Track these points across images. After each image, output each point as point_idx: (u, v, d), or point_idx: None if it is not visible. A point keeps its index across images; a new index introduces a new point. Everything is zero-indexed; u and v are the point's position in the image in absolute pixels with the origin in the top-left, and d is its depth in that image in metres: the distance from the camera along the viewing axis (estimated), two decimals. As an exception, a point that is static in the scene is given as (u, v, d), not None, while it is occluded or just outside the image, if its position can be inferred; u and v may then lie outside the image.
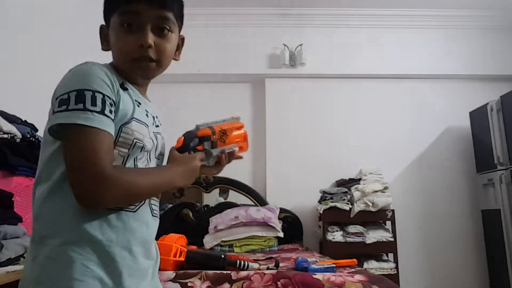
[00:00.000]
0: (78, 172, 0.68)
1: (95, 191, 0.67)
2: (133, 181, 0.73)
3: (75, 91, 0.71)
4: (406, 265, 3.31)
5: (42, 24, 2.31)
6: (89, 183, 0.67)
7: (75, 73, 0.75)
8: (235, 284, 1.48)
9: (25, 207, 1.57)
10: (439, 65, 3.79)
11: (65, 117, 0.69)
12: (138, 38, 0.80)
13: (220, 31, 3.76)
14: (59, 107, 0.70)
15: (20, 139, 1.64)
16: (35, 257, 0.70)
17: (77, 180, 0.68)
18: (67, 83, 0.73)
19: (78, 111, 0.69)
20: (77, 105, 0.69)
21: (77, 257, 0.68)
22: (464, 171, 3.67)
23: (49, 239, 0.70)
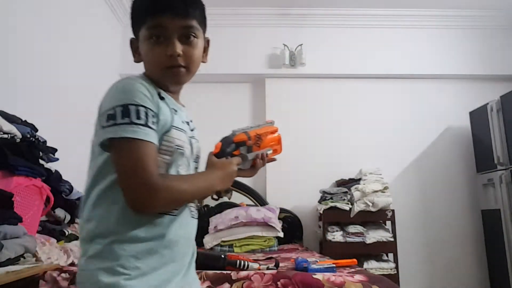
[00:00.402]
0: (129, 181, 0.74)
1: (145, 198, 0.74)
2: (178, 187, 0.79)
3: (121, 106, 0.76)
4: (406, 265, 3.31)
5: (42, 24, 2.31)
6: (139, 191, 0.74)
7: (118, 88, 0.80)
8: (235, 284, 1.48)
9: (25, 207, 1.57)
10: (439, 65, 3.79)
11: (114, 131, 0.75)
12: (167, 48, 0.85)
13: (220, 31, 3.75)
14: (107, 121, 0.76)
15: (20, 139, 1.64)
16: (85, 254, 0.78)
17: (129, 188, 0.74)
18: (112, 99, 0.78)
19: (125, 125, 0.75)
20: (124, 119, 0.75)
21: (122, 253, 0.75)
22: (464, 171, 3.67)
23: (99, 238, 0.76)
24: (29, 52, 2.17)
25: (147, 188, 0.73)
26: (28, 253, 1.46)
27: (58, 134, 2.10)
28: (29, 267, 1.39)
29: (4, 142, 1.54)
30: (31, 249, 1.46)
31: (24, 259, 1.45)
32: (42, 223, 1.83)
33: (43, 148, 1.81)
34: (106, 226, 0.77)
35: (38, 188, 1.68)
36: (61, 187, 1.91)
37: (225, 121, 3.54)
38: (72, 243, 1.90)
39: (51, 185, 1.77)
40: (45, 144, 1.87)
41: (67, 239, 1.92)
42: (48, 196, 1.74)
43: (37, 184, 1.66)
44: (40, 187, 1.69)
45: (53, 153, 1.93)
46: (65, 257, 1.69)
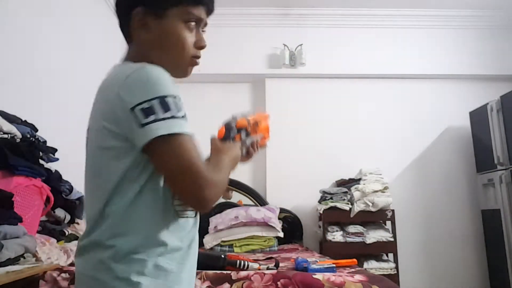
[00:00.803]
0: (184, 181, 0.69)
1: (204, 195, 0.69)
2: (222, 178, 0.77)
3: (157, 99, 0.68)
4: (406, 265, 3.31)
5: (42, 24, 2.31)
6: (203, 188, 0.69)
7: (144, 78, 0.70)
8: (235, 284, 1.48)
9: (25, 207, 1.57)
10: (439, 65, 3.79)
11: (159, 128, 0.67)
12: (199, 39, 0.85)
13: (220, 31, 3.75)
14: (146, 117, 0.67)
15: (20, 139, 1.64)
16: (111, 274, 0.70)
17: (190, 187, 0.69)
18: (141, 91, 0.69)
19: (169, 119, 0.68)
20: (166, 113, 0.67)
21: (169, 267, 0.72)
22: (464, 171, 3.67)
23: (139, 254, 0.70)
24: (29, 52, 2.17)
25: (203, 185, 0.68)
26: (28, 253, 1.46)
27: (58, 134, 2.10)
28: (29, 267, 1.39)
29: (4, 142, 1.54)
30: (31, 249, 1.46)
31: (24, 259, 1.45)
32: (42, 223, 1.83)
33: (43, 148, 1.81)
34: (148, 238, 0.71)
35: (38, 188, 1.68)
36: (61, 187, 1.91)
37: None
38: (72, 243, 1.90)
39: (51, 185, 1.77)
40: (45, 144, 1.87)
41: (67, 239, 1.92)
42: (48, 196, 1.73)
43: (37, 184, 1.66)
44: (40, 187, 1.69)
45: (53, 153, 1.92)
46: (65, 257, 1.69)
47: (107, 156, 0.72)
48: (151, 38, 0.81)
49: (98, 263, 0.70)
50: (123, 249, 0.69)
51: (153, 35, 0.81)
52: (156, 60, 0.79)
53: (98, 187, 0.74)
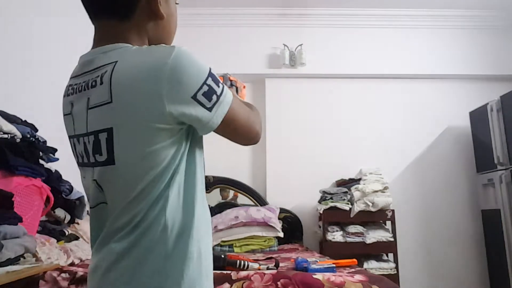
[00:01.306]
0: (249, 134, 0.81)
1: (260, 132, 0.86)
2: (254, 112, 0.86)
3: (208, 77, 0.68)
4: (406, 265, 3.32)
5: (42, 24, 2.31)
6: (258, 131, 0.84)
7: (186, 63, 0.65)
8: (235, 284, 1.48)
9: (25, 207, 1.57)
10: (439, 65, 3.79)
11: (226, 104, 0.71)
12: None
13: (220, 31, 3.76)
14: (210, 100, 0.68)
15: (20, 139, 1.64)
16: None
17: (251, 137, 0.83)
18: (192, 76, 0.66)
19: (223, 92, 0.71)
20: (219, 87, 0.70)
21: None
22: (464, 171, 3.67)
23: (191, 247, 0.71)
24: (28, 52, 2.17)
25: (258, 126, 0.84)
26: (28, 253, 1.46)
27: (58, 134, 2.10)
28: (29, 267, 1.39)
29: (4, 142, 1.54)
30: (31, 249, 1.46)
31: (24, 259, 1.45)
32: (42, 223, 1.83)
33: (43, 148, 1.80)
34: (193, 228, 0.70)
35: (38, 188, 1.68)
36: (61, 187, 1.91)
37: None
38: (72, 243, 1.90)
39: (51, 185, 1.77)
40: (45, 144, 1.87)
41: (67, 239, 1.92)
42: (48, 196, 1.73)
43: (37, 184, 1.66)
44: (40, 187, 1.69)
45: (53, 153, 1.92)
46: (65, 257, 1.69)
47: (154, 156, 0.67)
48: (163, 17, 0.77)
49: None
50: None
51: (163, 16, 0.77)
52: (155, 38, 0.79)
53: (143, 191, 0.68)
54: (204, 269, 0.71)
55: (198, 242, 0.70)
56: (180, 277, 0.66)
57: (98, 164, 0.71)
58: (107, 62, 0.69)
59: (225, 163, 3.52)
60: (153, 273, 0.66)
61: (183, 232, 0.68)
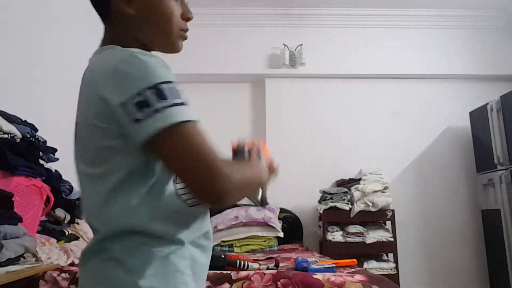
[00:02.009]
0: (198, 172, 0.60)
1: (218, 185, 0.59)
2: (241, 178, 0.67)
3: (150, 89, 0.60)
4: (406, 265, 3.31)
5: (42, 24, 2.31)
6: (210, 178, 0.59)
7: (132, 68, 0.62)
8: (235, 284, 1.48)
9: (25, 207, 1.57)
10: (439, 65, 3.79)
11: (155, 121, 0.59)
12: (185, 10, 0.77)
13: (220, 31, 3.76)
14: (141, 111, 0.59)
15: (20, 139, 1.64)
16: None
17: (201, 180, 0.60)
18: (131, 82, 0.61)
19: (166, 109, 0.59)
20: (162, 102, 0.59)
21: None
22: (464, 171, 3.67)
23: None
24: (29, 52, 2.17)
25: (223, 175, 0.60)
26: (28, 253, 1.46)
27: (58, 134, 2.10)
28: (29, 267, 1.39)
29: (4, 142, 1.54)
30: (31, 249, 1.46)
31: (24, 259, 1.45)
32: (42, 223, 1.83)
33: (43, 148, 1.80)
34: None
35: (38, 188, 1.68)
36: (61, 187, 1.91)
37: (225, 121, 3.54)
38: (72, 243, 1.90)
39: (51, 185, 1.77)
40: (45, 144, 1.87)
41: (67, 239, 1.92)
42: (48, 196, 1.73)
43: (37, 184, 1.66)
44: (40, 187, 1.69)
45: (53, 153, 1.92)
46: (65, 257, 1.69)
47: (106, 154, 0.66)
48: (136, 13, 0.72)
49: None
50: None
51: (137, 9, 0.72)
52: (144, 37, 0.74)
53: (100, 188, 0.67)
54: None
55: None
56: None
57: None
58: (88, 64, 0.74)
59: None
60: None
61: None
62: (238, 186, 0.64)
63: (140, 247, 0.66)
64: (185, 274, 0.68)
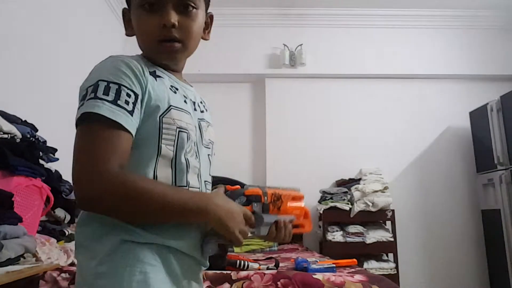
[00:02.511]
0: (79, 169, 0.61)
1: (88, 188, 0.60)
2: (140, 185, 0.63)
3: (92, 85, 0.66)
4: (406, 265, 3.31)
5: (42, 24, 2.31)
6: (85, 179, 0.60)
7: (95, 68, 0.71)
8: (235, 284, 1.48)
9: (25, 207, 1.57)
10: (439, 65, 3.79)
11: (78, 110, 0.66)
12: (160, 18, 0.74)
13: (220, 31, 3.74)
14: (79, 103, 0.67)
15: (20, 139, 1.64)
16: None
17: (77, 178, 0.61)
18: (87, 80, 0.70)
19: (90, 100, 0.64)
20: (90, 95, 0.64)
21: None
22: (464, 171, 3.67)
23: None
24: (29, 52, 2.17)
25: (97, 177, 0.58)
26: (28, 253, 1.46)
27: (58, 134, 2.10)
28: (29, 267, 1.39)
29: (4, 142, 1.54)
30: (31, 249, 1.46)
31: (24, 259, 1.45)
32: (42, 223, 1.83)
33: (43, 148, 1.81)
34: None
35: (38, 188, 1.68)
36: (61, 187, 1.91)
37: (225, 121, 3.54)
38: (72, 243, 1.90)
39: (51, 185, 1.77)
40: (45, 144, 1.87)
41: (67, 239, 1.92)
42: (48, 196, 1.73)
43: (37, 184, 1.66)
44: (40, 187, 1.69)
45: (53, 153, 1.93)
46: (65, 257, 1.69)
47: None
48: (131, 34, 0.82)
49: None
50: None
51: (133, 30, 0.81)
52: (143, 51, 0.82)
53: None
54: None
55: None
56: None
57: None
58: None
59: (225, 163, 3.52)
60: None
61: None
62: (129, 198, 0.61)
63: (107, 235, 0.66)
64: (146, 264, 0.65)
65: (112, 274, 0.63)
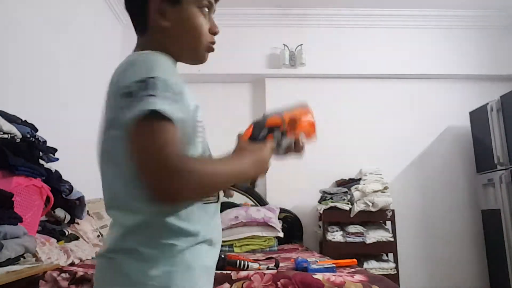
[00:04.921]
0: (148, 165, 0.59)
1: (170, 183, 0.58)
2: (209, 169, 0.65)
3: (140, 82, 0.63)
4: (406, 265, 3.31)
5: (42, 24, 2.31)
6: (161, 174, 0.58)
7: (135, 63, 0.68)
8: (235, 284, 1.48)
9: (25, 207, 1.57)
10: (439, 65, 3.79)
11: (130, 108, 0.61)
12: (213, 25, 0.87)
13: (220, 31, 3.75)
14: (125, 101, 0.63)
15: (20, 139, 1.64)
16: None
17: (149, 174, 0.59)
18: (127, 75, 0.66)
19: (144, 97, 0.61)
20: (141, 92, 0.62)
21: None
22: (464, 171, 3.67)
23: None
24: (29, 52, 2.17)
25: (179, 173, 0.58)
26: (28, 253, 1.46)
27: (58, 134, 2.10)
28: (29, 267, 1.39)
29: (4, 142, 1.54)
30: (31, 249, 1.46)
31: (24, 259, 1.45)
32: (42, 223, 1.83)
33: (43, 148, 1.81)
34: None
35: (38, 188, 1.68)
36: (61, 187, 1.91)
37: (225, 121, 3.54)
38: (72, 243, 1.90)
39: (51, 185, 1.77)
40: (45, 144, 1.87)
41: (67, 239, 1.92)
42: (48, 196, 1.74)
43: (37, 184, 1.66)
44: (40, 187, 1.69)
45: (53, 153, 1.93)
46: (65, 257, 1.69)
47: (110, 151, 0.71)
48: (169, 26, 0.79)
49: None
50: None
51: (171, 23, 0.79)
52: (174, 49, 0.80)
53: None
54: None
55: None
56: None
57: None
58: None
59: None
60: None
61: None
62: (203, 184, 0.63)
63: (157, 239, 0.69)
64: (195, 270, 0.71)
65: (165, 278, 0.67)
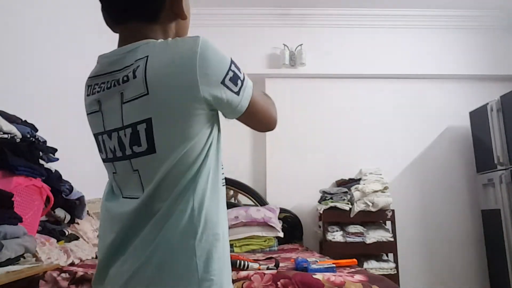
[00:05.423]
0: (269, 118, 0.89)
1: (275, 124, 0.94)
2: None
3: (232, 64, 0.75)
4: (406, 265, 3.31)
5: (42, 25, 2.31)
6: (274, 121, 0.92)
7: (214, 50, 0.73)
8: (235, 284, 1.48)
9: (25, 207, 1.57)
10: (439, 65, 3.80)
11: (247, 89, 0.77)
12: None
13: (220, 31, 3.76)
14: (236, 85, 0.74)
15: (20, 139, 1.64)
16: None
17: (270, 122, 0.90)
18: (220, 63, 0.73)
19: (245, 78, 0.78)
20: (241, 73, 0.77)
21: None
22: (464, 171, 3.67)
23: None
24: (29, 52, 2.17)
25: (274, 123, 0.93)
26: (28, 253, 1.46)
27: (58, 134, 2.10)
28: (29, 267, 1.38)
29: (4, 142, 1.54)
30: (31, 249, 1.46)
31: (24, 259, 1.45)
32: (42, 223, 1.83)
33: (43, 148, 1.80)
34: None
35: (38, 188, 1.68)
36: (61, 187, 1.91)
37: (224, 121, 3.53)
38: (72, 243, 1.90)
39: (51, 185, 1.77)
40: (45, 144, 1.87)
41: (67, 239, 1.92)
42: (48, 196, 1.73)
43: (37, 184, 1.66)
44: (40, 187, 1.69)
45: (53, 153, 1.92)
46: (65, 257, 1.69)
47: (192, 141, 0.71)
48: (186, 17, 0.85)
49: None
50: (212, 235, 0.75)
51: (186, 16, 0.84)
52: (183, 35, 0.86)
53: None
54: (226, 249, 0.78)
55: (222, 226, 0.75)
56: (210, 257, 0.71)
57: (136, 155, 0.72)
58: (138, 57, 0.72)
59: (225, 163, 3.51)
60: (184, 255, 0.69)
61: (208, 215, 0.72)
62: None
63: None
64: (225, 259, 0.77)
65: (217, 278, 0.74)
